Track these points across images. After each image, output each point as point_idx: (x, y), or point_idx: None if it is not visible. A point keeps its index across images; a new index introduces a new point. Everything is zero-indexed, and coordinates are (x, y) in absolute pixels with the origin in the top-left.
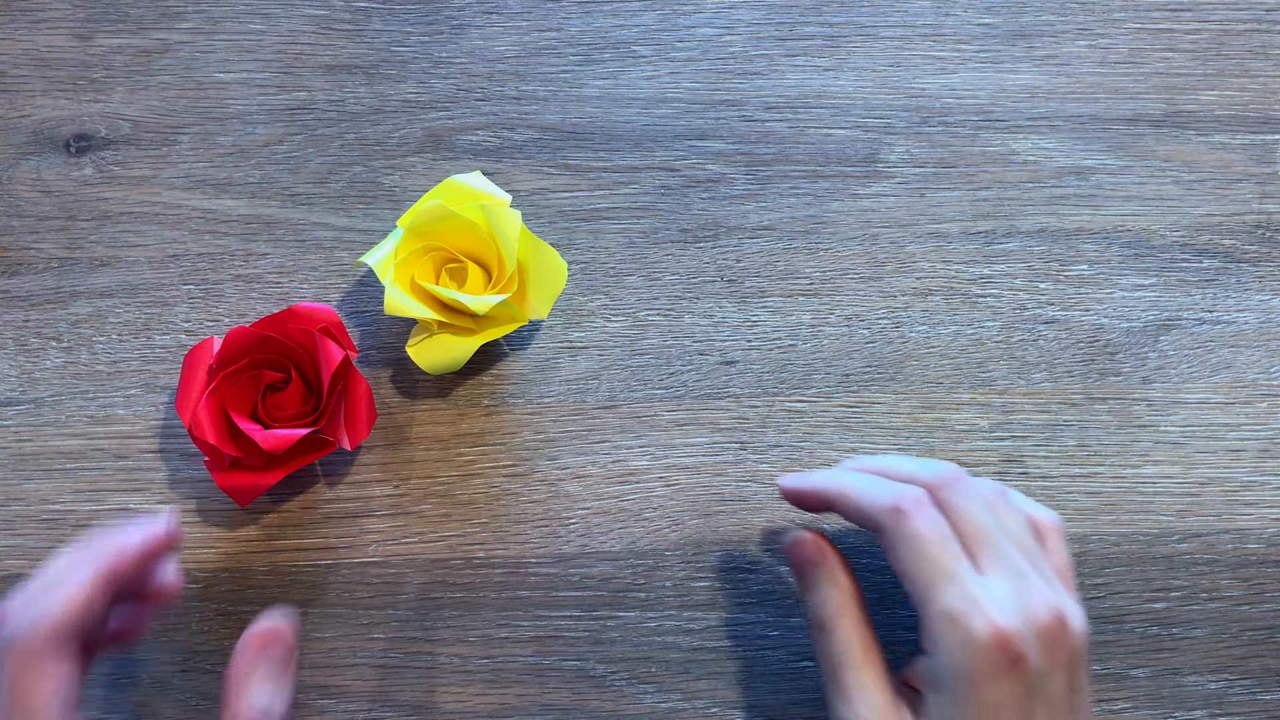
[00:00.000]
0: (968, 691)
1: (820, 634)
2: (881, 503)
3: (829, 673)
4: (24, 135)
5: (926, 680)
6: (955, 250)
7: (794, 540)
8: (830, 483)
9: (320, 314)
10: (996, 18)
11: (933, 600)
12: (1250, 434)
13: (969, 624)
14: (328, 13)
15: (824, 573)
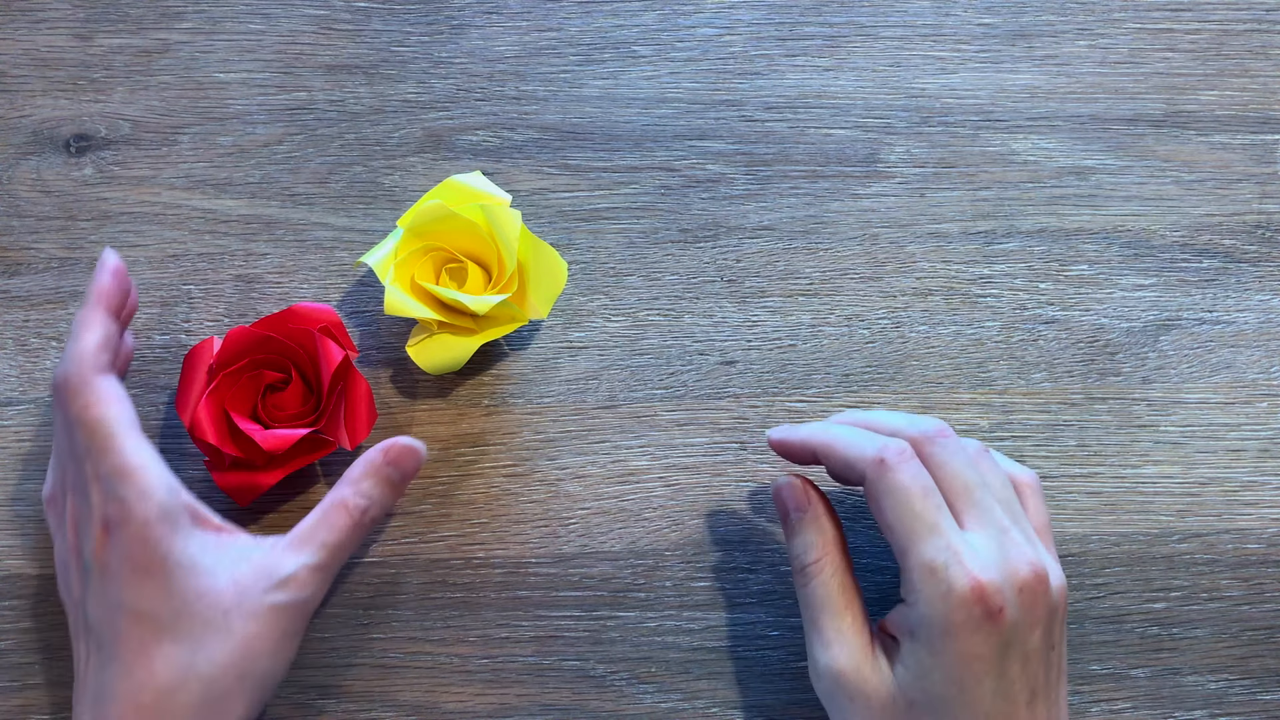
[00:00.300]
0: (944, 641)
1: (802, 578)
2: (866, 453)
3: (809, 618)
4: (24, 135)
5: (904, 629)
6: (955, 250)
7: (780, 485)
8: (816, 434)
9: (320, 314)
10: (996, 18)
11: (914, 551)
12: (1250, 434)
13: (948, 575)
14: (328, 13)
15: (808, 518)
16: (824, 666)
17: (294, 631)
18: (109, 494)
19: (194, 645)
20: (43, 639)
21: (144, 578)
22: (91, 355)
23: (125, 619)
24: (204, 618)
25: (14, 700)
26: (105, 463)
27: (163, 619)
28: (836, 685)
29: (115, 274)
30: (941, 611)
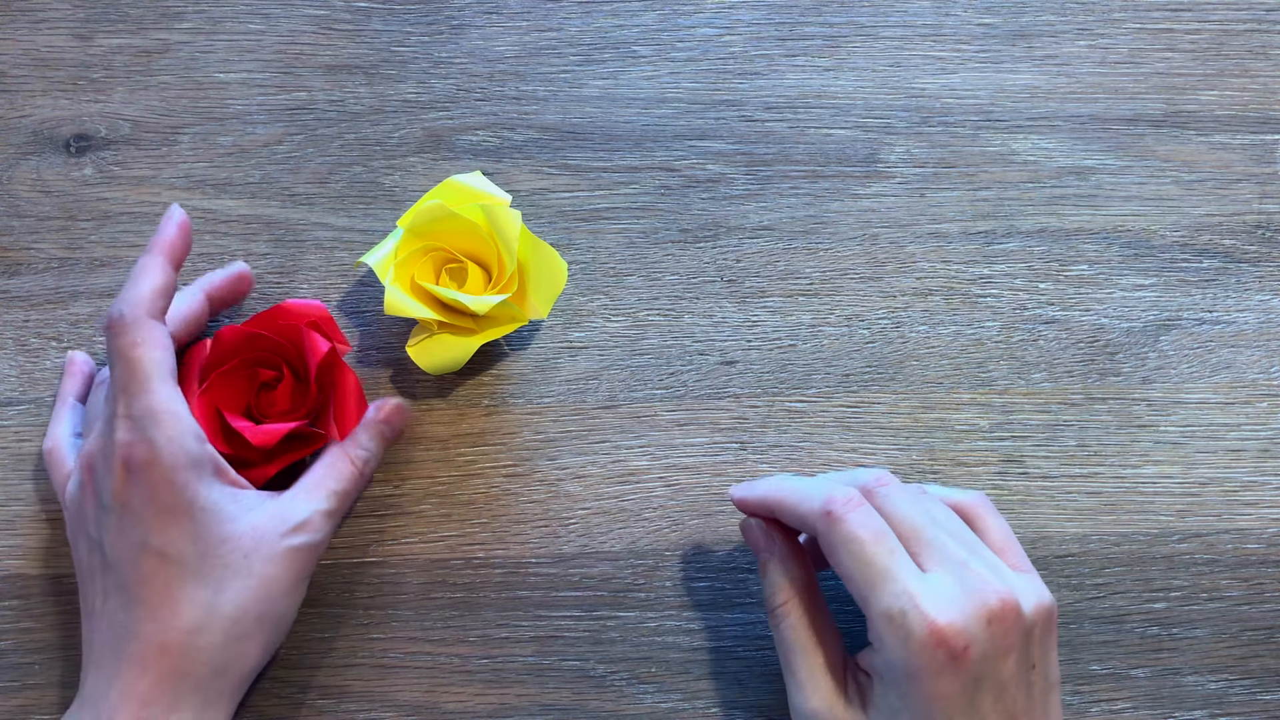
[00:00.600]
0: (910, 686)
1: (773, 619)
2: (812, 507)
3: (782, 658)
4: (24, 135)
5: (874, 671)
6: (955, 250)
7: (744, 526)
8: (771, 491)
9: (309, 310)
10: (996, 18)
11: (872, 600)
12: (1250, 434)
13: (906, 622)
14: (328, 13)
15: (774, 560)
16: (799, 708)
17: (306, 574)
18: (138, 433)
19: (217, 587)
20: (43, 639)
21: (169, 520)
22: (148, 298)
23: (149, 560)
24: (225, 561)
25: (14, 700)
26: (139, 402)
27: (187, 561)
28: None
29: (180, 228)
30: (903, 657)
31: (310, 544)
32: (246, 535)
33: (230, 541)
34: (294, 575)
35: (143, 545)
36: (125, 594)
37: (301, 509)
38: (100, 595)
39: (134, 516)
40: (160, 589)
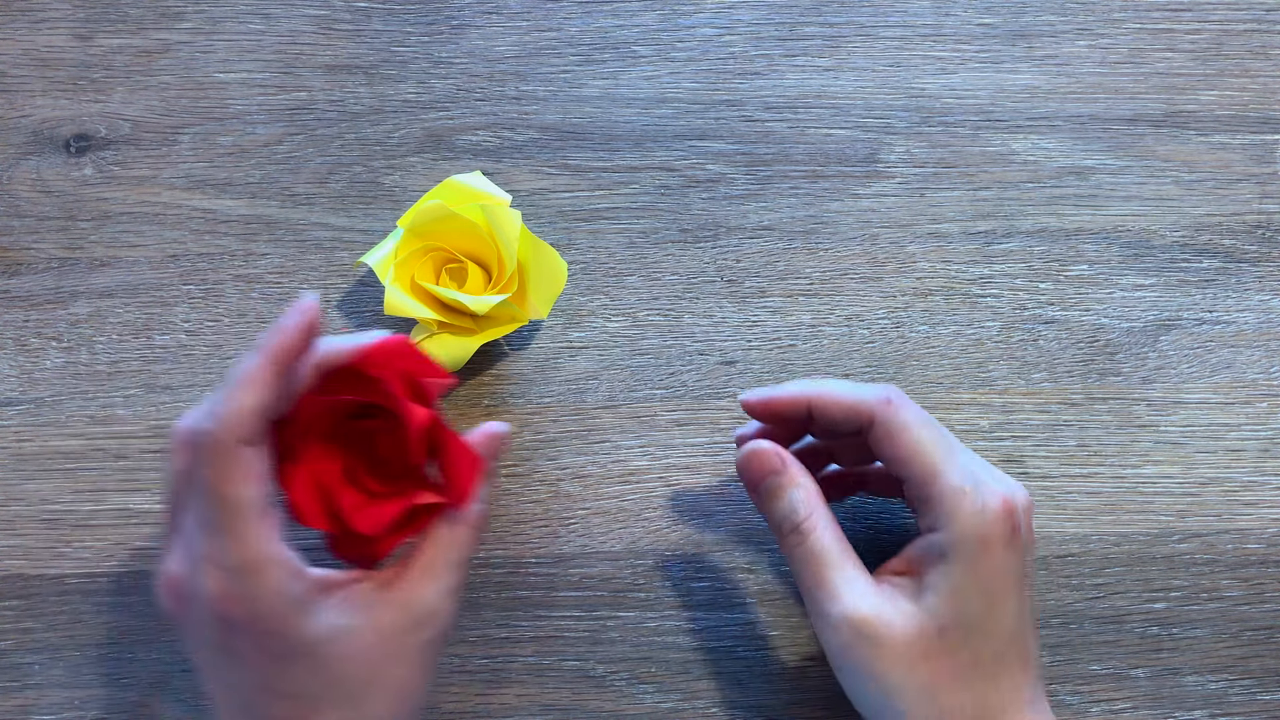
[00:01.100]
0: (981, 558)
1: (796, 537)
2: (873, 395)
3: (811, 574)
4: (24, 135)
5: (931, 557)
6: (955, 250)
7: (748, 454)
8: (808, 389)
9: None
10: (996, 18)
11: (942, 475)
12: (1250, 434)
13: (981, 494)
14: (328, 13)
15: (787, 478)
16: (839, 618)
17: (437, 655)
18: (234, 587)
19: (354, 706)
20: (43, 639)
21: (287, 664)
22: (245, 420)
23: (280, 701)
24: (359, 678)
25: (14, 700)
26: (232, 553)
27: (316, 693)
28: (857, 633)
29: (301, 330)
30: (977, 527)
31: (440, 633)
32: (375, 645)
33: (358, 657)
34: (427, 666)
35: (266, 688)
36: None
37: (426, 595)
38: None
39: (246, 662)
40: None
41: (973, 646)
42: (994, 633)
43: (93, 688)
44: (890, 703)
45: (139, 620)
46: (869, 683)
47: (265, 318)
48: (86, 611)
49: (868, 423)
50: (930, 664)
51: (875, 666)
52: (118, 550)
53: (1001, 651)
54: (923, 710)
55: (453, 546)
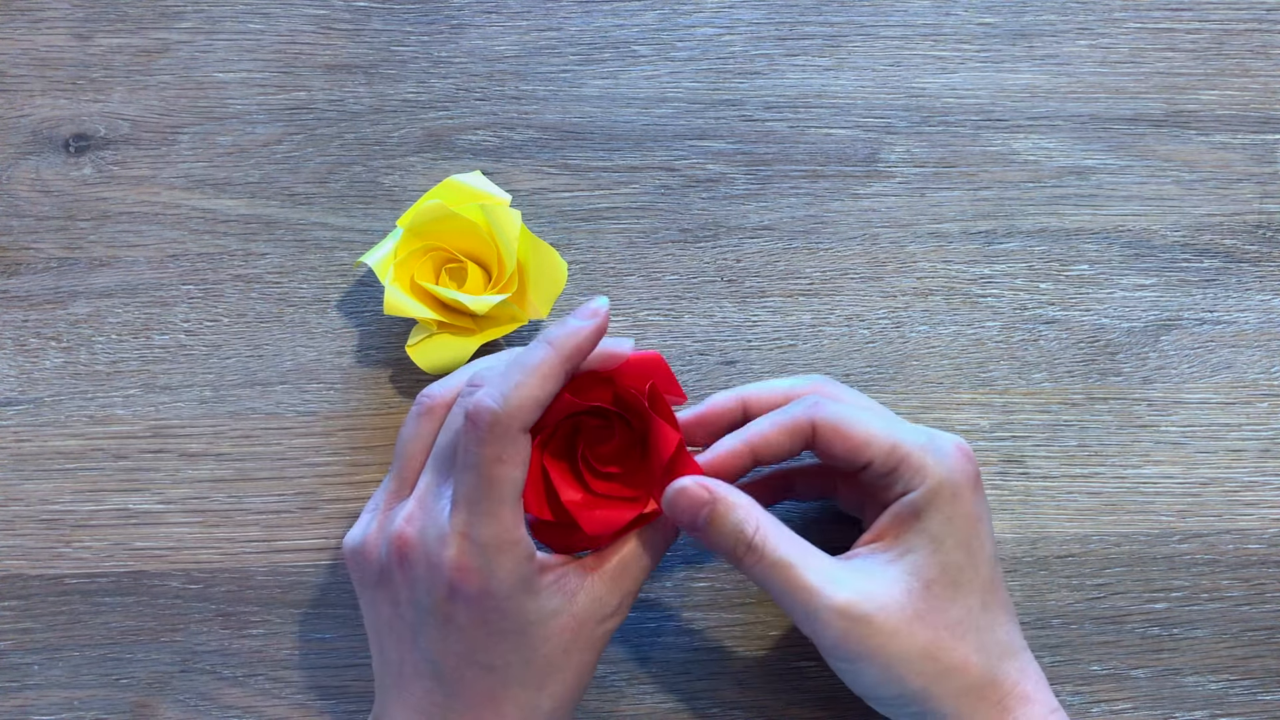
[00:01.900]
0: (954, 506)
1: (753, 555)
2: (800, 408)
3: (782, 581)
4: (23, 135)
5: (905, 518)
6: (955, 250)
7: (676, 492)
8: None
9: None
10: (997, 17)
11: (901, 439)
12: (1251, 434)
13: (938, 444)
14: (328, 12)
15: (720, 504)
16: (826, 612)
17: (604, 649)
18: (476, 560)
19: (539, 686)
20: (42, 639)
21: (499, 639)
22: (529, 408)
23: (474, 670)
24: (549, 659)
25: (13, 700)
26: (486, 528)
27: (514, 670)
28: (848, 619)
29: (595, 332)
30: (947, 475)
31: (615, 628)
32: (569, 628)
33: (554, 639)
34: (597, 656)
35: (468, 658)
36: (443, 686)
37: (614, 594)
38: (412, 670)
39: (459, 631)
40: (484, 693)
41: (960, 600)
42: (976, 583)
43: (92, 688)
44: (895, 677)
45: (138, 620)
46: (871, 664)
47: (265, 318)
48: (85, 612)
49: (810, 433)
50: (924, 624)
51: (872, 643)
52: (117, 550)
53: (987, 601)
54: (928, 672)
55: (648, 554)
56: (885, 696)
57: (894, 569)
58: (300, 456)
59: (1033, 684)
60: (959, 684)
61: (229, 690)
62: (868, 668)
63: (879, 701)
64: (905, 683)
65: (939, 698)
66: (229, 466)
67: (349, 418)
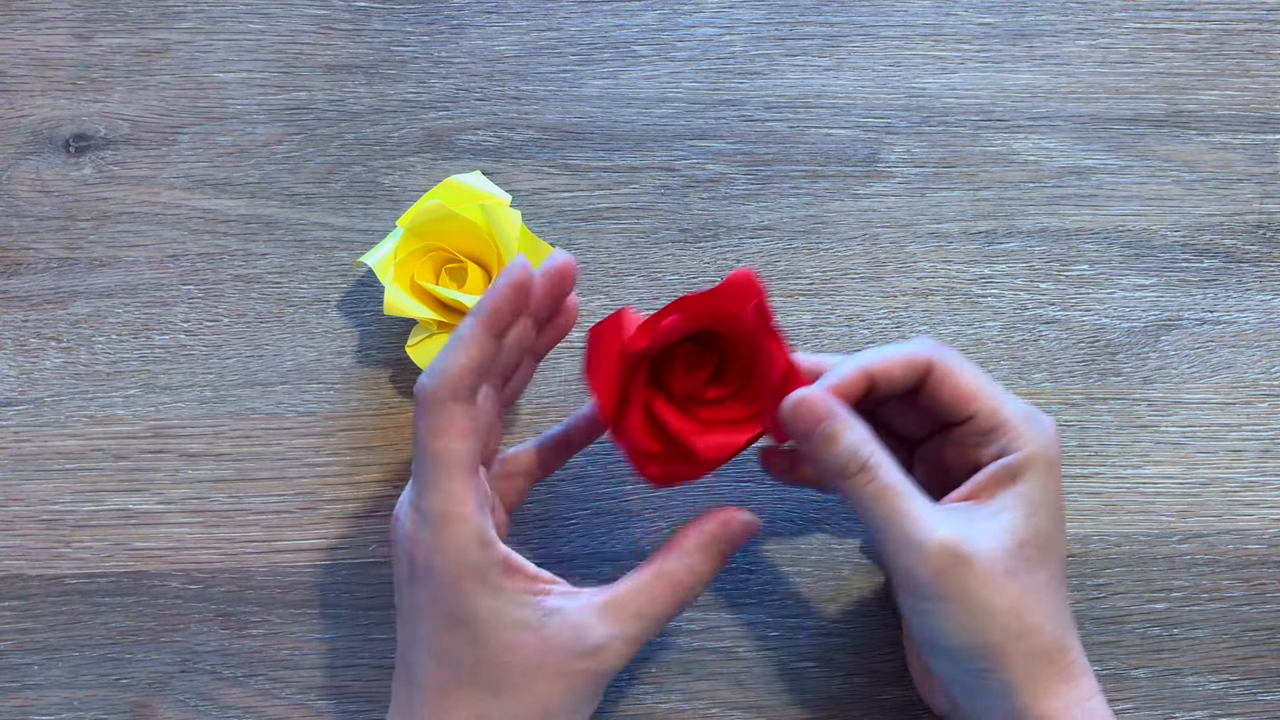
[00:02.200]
0: (1048, 477)
1: (864, 476)
2: (917, 348)
3: (888, 510)
4: (23, 135)
5: (1003, 479)
6: (956, 250)
7: (797, 403)
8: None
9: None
10: (997, 17)
11: (1006, 403)
12: (1251, 434)
13: (1041, 419)
14: (328, 12)
15: (840, 422)
16: (931, 544)
17: (591, 697)
18: (424, 533)
19: (494, 693)
20: (42, 639)
21: (448, 626)
22: (454, 376)
23: (429, 658)
24: (506, 669)
25: (13, 700)
26: (430, 500)
27: (464, 666)
28: (952, 557)
29: (513, 288)
30: (1046, 447)
31: (602, 671)
32: (533, 647)
33: (514, 650)
34: (576, 698)
35: (424, 643)
36: (414, 691)
37: (601, 630)
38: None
39: (419, 611)
40: (436, 687)
41: (1047, 565)
42: (1057, 552)
43: (92, 688)
44: (978, 626)
45: (138, 621)
46: (959, 607)
47: (265, 318)
48: (85, 612)
49: (925, 370)
50: (1015, 581)
51: (968, 586)
52: (117, 551)
53: (1062, 573)
54: (1010, 629)
55: (651, 601)
56: (956, 646)
57: (991, 524)
58: (300, 456)
59: (1085, 658)
60: (1033, 645)
61: (229, 690)
62: (954, 611)
63: (945, 652)
64: (986, 634)
65: (1011, 656)
66: (229, 467)
67: (349, 418)
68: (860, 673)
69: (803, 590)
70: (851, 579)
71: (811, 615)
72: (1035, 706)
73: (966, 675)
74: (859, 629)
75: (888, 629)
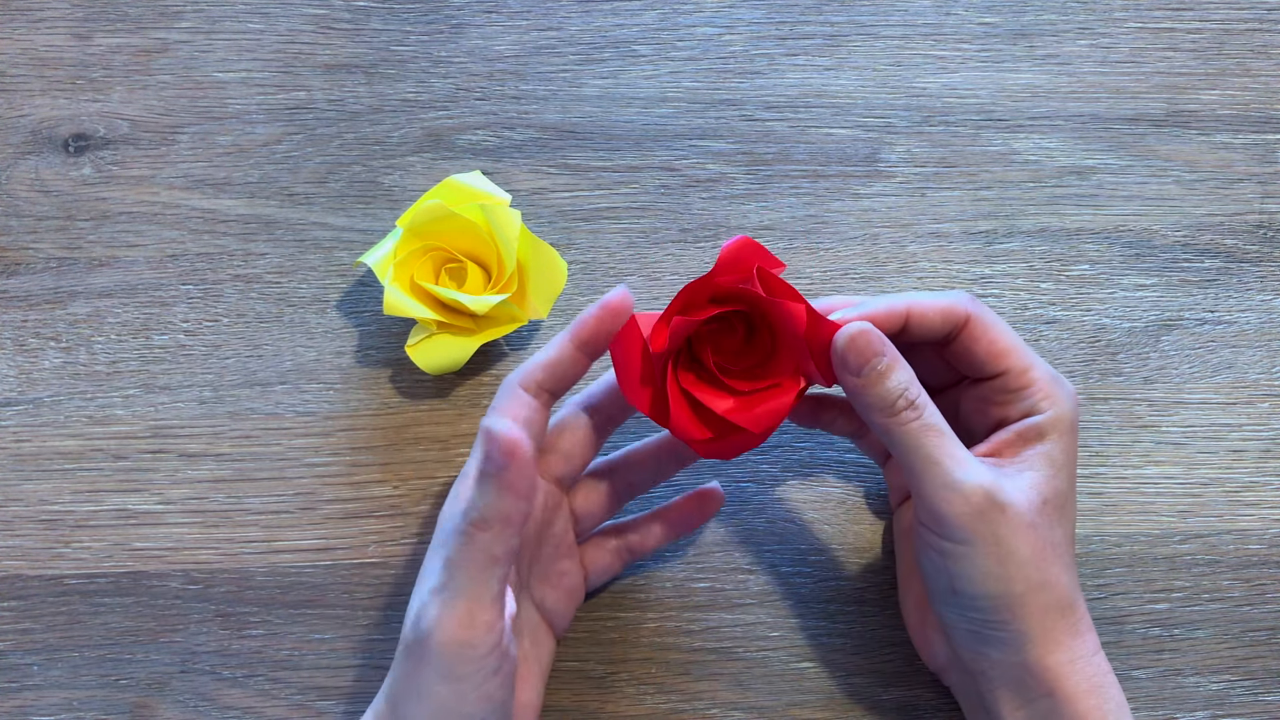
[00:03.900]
0: (1070, 439)
1: (912, 413)
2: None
3: (932, 448)
4: (22, 135)
5: (1028, 437)
6: (956, 250)
7: (854, 335)
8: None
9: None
10: (997, 17)
11: (1037, 365)
12: (1252, 434)
13: (1064, 383)
14: (327, 12)
15: (891, 358)
16: (972, 484)
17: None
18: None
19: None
20: (41, 640)
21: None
22: (528, 369)
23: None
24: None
25: (13, 701)
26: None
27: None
28: (989, 500)
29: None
30: (1071, 411)
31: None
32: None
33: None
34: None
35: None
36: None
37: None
38: None
39: None
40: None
41: (1063, 524)
42: (1071, 514)
43: (91, 689)
44: (1004, 574)
45: (137, 621)
46: (988, 551)
47: (264, 318)
48: (85, 612)
49: (963, 321)
50: (1038, 535)
51: (1000, 530)
52: (116, 551)
53: (1073, 535)
54: (1032, 580)
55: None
56: (981, 594)
57: (1019, 479)
58: (300, 457)
59: (1090, 619)
60: (1049, 599)
61: (228, 691)
62: (983, 553)
63: (966, 599)
64: (1010, 583)
65: (1029, 606)
66: (228, 467)
67: (349, 418)
68: (860, 673)
69: (803, 590)
70: (852, 579)
71: (811, 615)
72: (1046, 658)
73: (981, 625)
74: (859, 629)
75: (888, 629)
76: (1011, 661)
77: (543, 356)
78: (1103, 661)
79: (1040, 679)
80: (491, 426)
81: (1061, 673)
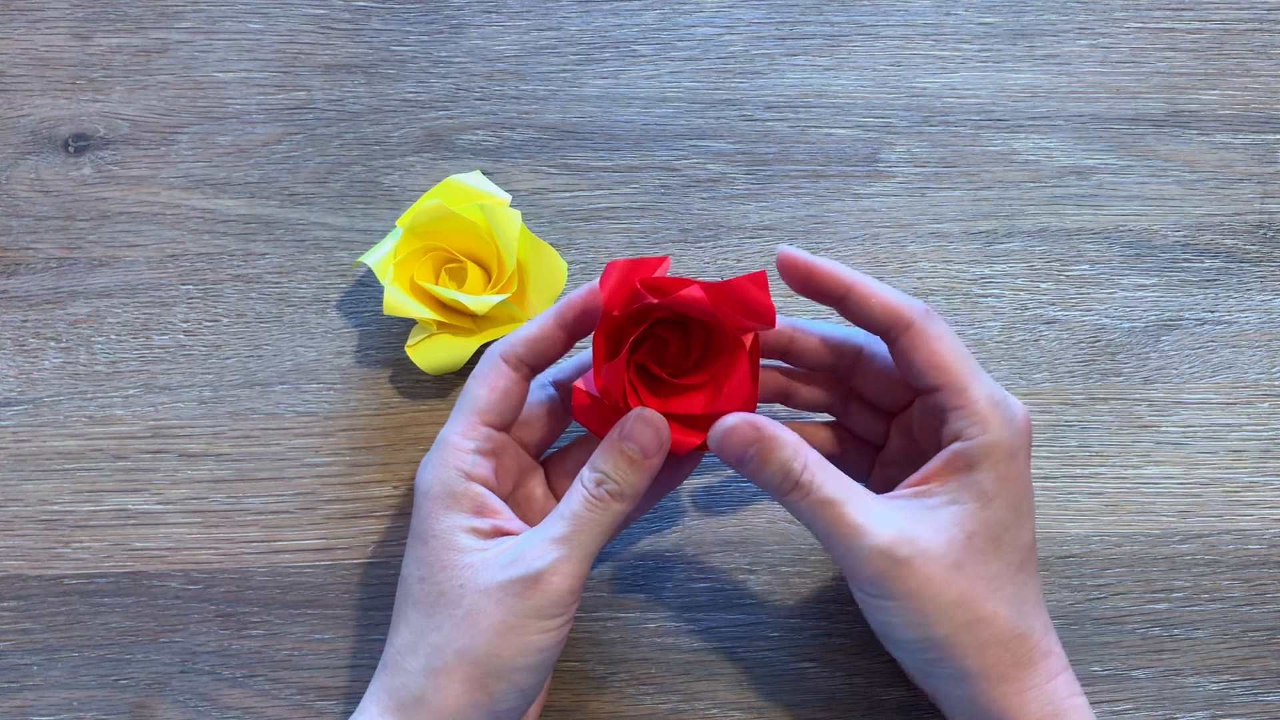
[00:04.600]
0: (1009, 466)
1: (800, 491)
2: (905, 299)
3: (826, 521)
4: (22, 135)
5: (958, 466)
6: (956, 250)
7: (725, 431)
8: (847, 271)
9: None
10: (997, 17)
11: (975, 385)
12: (1252, 434)
13: (1009, 405)
14: (327, 12)
15: (771, 441)
16: (868, 550)
17: (525, 613)
18: (428, 458)
19: (429, 613)
20: (41, 640)
21: (412, 544)
22: (512, 341)
23: (399, 582)
24: (441, 589)
25: (13, 701)
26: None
27: (411, 585)
28: (890, 559)
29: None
30: (1009, 438)
31: (526, 576)
32: (468, 567)
33: (450, 570)
34: (503, 612)
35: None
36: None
37: (527, 539)
38: None
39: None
40: (396, 608)
41: (1000, 556)
42: (1016, 543)
43: (91, 689)
44: (923, 621)
45: (137, 621)
46: (902, 605)
47: (264, 318)
48: (85, 612)
49: (904, 325)
50: (963, 574)
51: (909, 585)
52: (116, 551)
53: (1024, 562)
54: (956, 620)
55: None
56: (908, 639)
57: (939, 515)
58: (300, 457)
59: (1053, 641)
60: (986, 635)
61: (228, 691)
62: (898, 608)
63: (899, 644)
64: (932, 628)
65: (962, 645)
66: (228, 467)
67: (349, 418)
68: (860, 673)
69: (803, 590)
70: None
71: (811, 615)
72: (990, 691)
73: (922, 664)
74: (859, 629)
75: None
76: (959, 695)
77: (526, 332)
78: (1062, 686)
79: (988, 711)
80: (651, 416)
81: (1009, 705)
